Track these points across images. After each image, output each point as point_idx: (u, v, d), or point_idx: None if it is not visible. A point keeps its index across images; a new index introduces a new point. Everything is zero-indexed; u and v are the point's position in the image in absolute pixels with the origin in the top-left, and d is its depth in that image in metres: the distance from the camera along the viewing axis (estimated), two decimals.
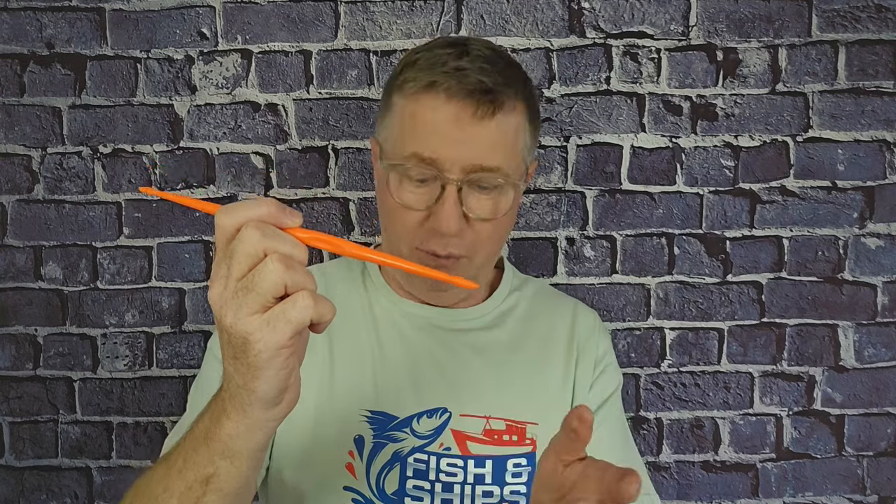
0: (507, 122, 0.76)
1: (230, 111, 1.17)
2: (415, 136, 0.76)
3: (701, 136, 1.18)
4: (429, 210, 0.76)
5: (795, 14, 1.17)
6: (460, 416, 0.82)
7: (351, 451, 0.80)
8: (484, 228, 0.78)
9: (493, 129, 0.75)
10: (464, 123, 0.74)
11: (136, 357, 1.19)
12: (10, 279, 1.18)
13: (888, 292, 1.20)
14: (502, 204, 0.78)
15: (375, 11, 1.16)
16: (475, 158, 0.74)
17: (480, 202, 0.77)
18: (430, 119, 0.75)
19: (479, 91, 0.74)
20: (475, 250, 0.79)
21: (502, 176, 0.76)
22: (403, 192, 0.77)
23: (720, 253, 1.20)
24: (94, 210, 1.18)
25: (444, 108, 0.74)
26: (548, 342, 0.89)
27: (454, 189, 0.74)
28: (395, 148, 0.78)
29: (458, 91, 0.74)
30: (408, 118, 0.77)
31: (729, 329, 1.20)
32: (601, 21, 1.17)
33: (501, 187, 0.77)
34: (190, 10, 1.16)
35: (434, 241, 0.77)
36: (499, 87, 0.75)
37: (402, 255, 0.80)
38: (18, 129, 1.17)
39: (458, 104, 0.74)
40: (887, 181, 1.19)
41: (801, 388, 1.21)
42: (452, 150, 0.74)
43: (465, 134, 0.74)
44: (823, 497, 1.22)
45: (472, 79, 0.74)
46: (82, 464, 1.20)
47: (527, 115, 0.80)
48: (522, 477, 0.82)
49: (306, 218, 1.18)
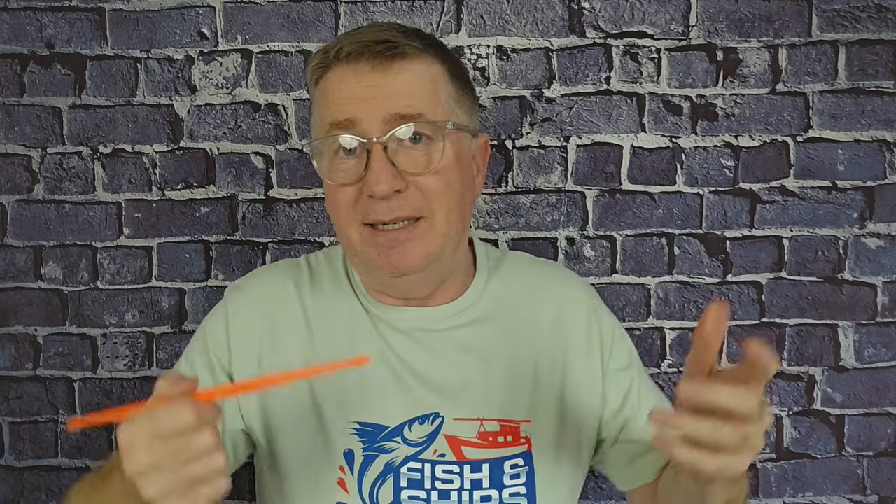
0: (415, 69, 0.75)
1: (230, 111, 1.17)
2: (328, 108, 0.75)
3: (701, 136, 1.18)
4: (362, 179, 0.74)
5: (795, 14, 1.17)
6: (453, 420, 0.80)
7: (341, 465, 0.78)
8: (427, 184, 0.74)
9: (401, 77, 0.74)
10: (368, 77, 0.73)
11: (136, 357, 1.19)
12: (10, 279, 1.18)
13: (888, 292, 1.20)
14: (435, 154, 0.74)
15: (375, 11, 1.16)
16: (390, 108, 0.73)
17: (411, 156, 0.74)
18: (337, 87, 0.75)
19: (375, 43, 0.73)
20: (430, 209, 0.75)
21: (426, 122, 0.73)
22: (335, 172, 0.75)
23: (720, 253, 1.20)
24: (94, 210, 1.18)
25: (346, 72, 0.74)
26: (533, 332, 0.85)
27: (379, 147, 0.72)
28: (317, 129, 0.78)
29: (355, 50, 0.73)
30: (321, 98, 0.77)
31: (729, 329, 1.20)
32: (601, 21, 1.17)
33: (432, 138, 0.74)
34: (190, 10, 1.16)
35: (376, 208, 0.73)
36: (397, 39, 0.74)
37: (354, 242, 0.76)
38: (18, 129, 1.17)
39: (357, 62, 0.74)
40: (887, 181, 1.19)
41: (801, 388, 1.21)
42: (365, 106, 0.73)
43: (373, 87, 0.73)
44: (823, 497, 1.22)
45: (369, 37, 0.74)
46: (82, 464, 1.20)
47: (444, 66, 0.78)
48: (521, 478, 0.79)
49: (306, 218, 1.18)
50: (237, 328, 0.83)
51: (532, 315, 0.86)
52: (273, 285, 0.86)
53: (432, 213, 0.75)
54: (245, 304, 0.84)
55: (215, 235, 1.18)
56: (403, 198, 0.74)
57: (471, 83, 0.83)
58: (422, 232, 0.75)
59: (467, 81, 0.82)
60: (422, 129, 0.73)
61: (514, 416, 0.81)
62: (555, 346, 0.85)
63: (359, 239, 0.76)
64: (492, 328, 0.85)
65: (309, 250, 1.18)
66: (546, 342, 0.85)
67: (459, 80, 0.80)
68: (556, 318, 0.86)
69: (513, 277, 0.88)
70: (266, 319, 0.83)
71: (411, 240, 0.74)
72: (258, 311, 0.83)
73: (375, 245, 0.75)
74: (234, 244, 1.18)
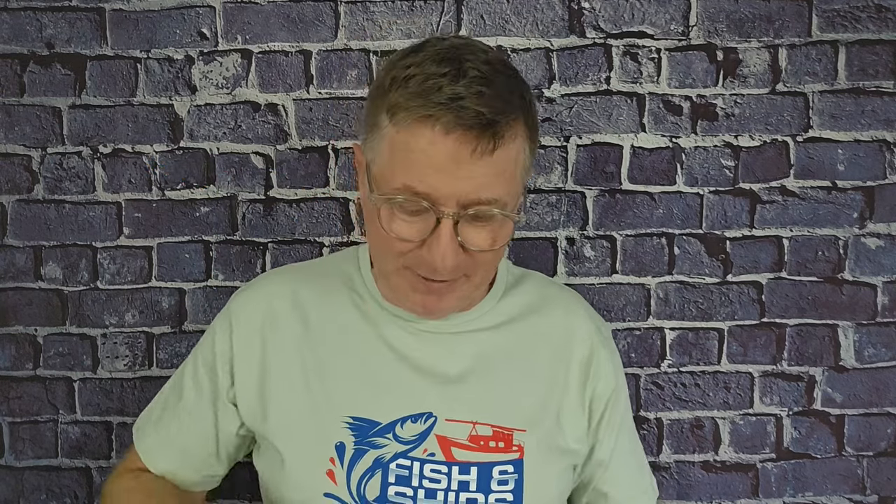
0: (507, 153, 0.72)
1: (230, 111, 1.17)
2: (408, 169, 0.71)
3: (701, 136, 1.18)
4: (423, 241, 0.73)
5: (795, 14, 1.17)
6: (445, 421, 0.81)
7: (332, 457, 0.79)
8: (482, 257, 0.75)
9: (493, 164, 0.70)
10: (462, 161, 0.69)
11: (136, 357, 1.19)
12: (10, 279, 1.18)
13: (888, 292, 1.20)
14: (500, 235, 0.74)
15: (375, 11, 1.16)
16: (473, 193, 0.70)
17: (478, 234, 0.73)
18: (424, 154, 0.70)
19: (478, 126, 0.68)
20: (474, 271, 0.76)
21: (500, 206, 0.72)
22: (395, 223, 0.73)
23: (720, 253, 1.20)
24: (94, 210, 1.18)
25: (440, 143, 0.69)
26: (540, 347, 0.87)
27: (450, 223, 0.70)
28: (385, 177, 0.73)
29: (455, 126, 0.68)
30: (399, 149, 0.71)
31: (729, 329, 1.20)
32: (601, 21, 1.17)
33: (500, 218, 0.73)
34: (190, 10, 1.16)
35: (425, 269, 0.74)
36: (498, 117, 0.69)
37: (389, 273, 0.78)
38: (18, 129, 1.17)
39: (455, 140, 0.69)
40: (887, 181, 1.19)
41: (801, 388, 1.21)
42: (449, 186, 0.70)
43: (463, 171, 0.69)
44: (823, 497, 1.22)
45: (471, 111, 0.68)
46: (82, 464, 1.20)
47: (527, 135, 0.75)
48: (509, 485, 0.80)
49: (306, 218, 1.18)
50: (240, 335, 0.86)
51: (541, 333, 0.88)
52: (274, 287, 0.89)
53: (474, 274, 0.77)
54: (247, 307, 0.88)
55: (215, 235, 1.18)
56: (457, 267, 0.73)
57: (538, 130, 0.80)
58: (459, 286, 0.76)
59: (537, 135, 0.80)
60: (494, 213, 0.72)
61: (510, 424, 0.82)
62: (557, 368, 0.87)
63: (395, 272, 0.76)
64: (500, 339, 0.86)
65: (309, 250, 1.18)
66: (550, 361, 0.87)
67: (533, 140, 0.78)
68: (565, 341, 0.88)
69: (528, 295, 0.90)
70: (267, 321, 0.86)
71: (450, 290, 0.76)
72: (259, 315, 0.86)
73: (412, 285, 0.76)
74: (234, 244, 1.18)
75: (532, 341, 0.87)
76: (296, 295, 0.87)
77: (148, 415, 0.94)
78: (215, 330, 0.90)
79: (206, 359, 0.89)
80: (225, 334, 0.87)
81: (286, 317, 0.86)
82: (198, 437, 0.89)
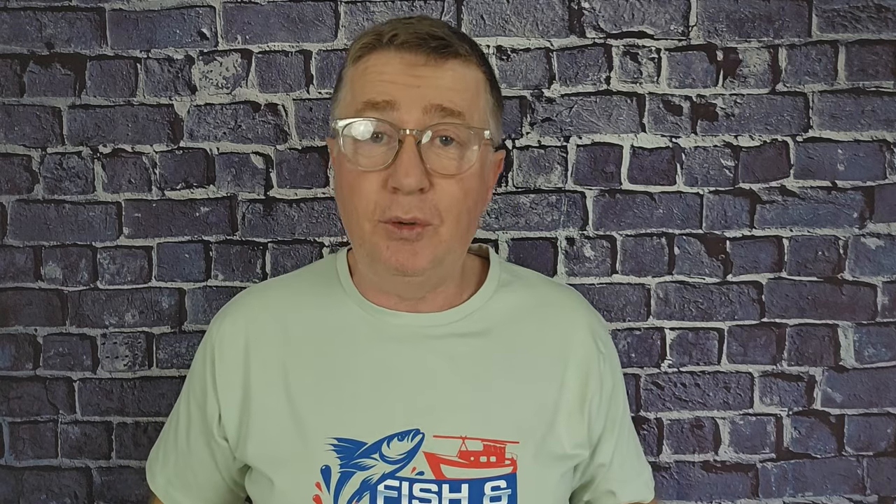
0: (464, 70, 0.74)
1: (230, 111, 1.17)
2: (366, 86, 0.73)
3: (701, 136, 1.18)
4: (387, 169, 0.72)
5: (795, 14, 1.17)
6: (434, 438, 0.77)
7: (318, 482, 0.76)
8: (448, 189, 0.73)
9: (450, 74, 0.72)
10: (417, 67, 0.72)
11: (136, 357, 1.19)
12: (10, 279, 1.18)
13: (888, 292, 1.20)
14: (466, 159, 0.73)
15: (375, 11, 1.16)
16: (434, 98, 0.71)
17: (442, 157, 0.72)
18: (381, 68, 0.72)
19: (430, 37, 0.72)
20: (441, 217, 0.74)
21: (465, 124, 0.72)
22: (359, 156, 0.73)
23: (720, 253, 1.20)
24: (94, 210, 1.18)
25: (394, 55, 0.72)
26: (534, 350, 0.84)
27: (412, 140, 0.70)
28: (347, 107, 0.75)
29: (407, 39, 0.72)
30: (357, 78, 0.74)
31: (729, 329, 1.20)
32: (601, 21, 1.17)
33: (464, 144, 0.73)
34: (190, 10, 1.16)
35: (395, 206, 0.72)
36: (450, 38, 0.73)
37: (364, 233, 0.75)
38: (18, 129, 1.17)
39: (408, 51, 0.72)
40: (887, 181, 1.19)
41: (801, 388, 1.21)
42: (407, 92, 0.71)
43: (421, 77, 0.71)
44: (823, 497, 1.22)
45: (425, 29, 0.72)
46: (82, 464, 1.20)
47: (486, 76, 0.77)
48: (502, 501, 0.77)
49: (306, 218, 1.18)
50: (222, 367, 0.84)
51: (535, 335, 0.85)
52: (253, 312, 0.86)
53: (442, 221, 0.74)
54: (227, 333, 0.85)
55: (215, 235, 1.18)
56: (424, 200, 0.72)
57: (502, 96, 0.82)
58: (427, 238, 0.74)
59: (500, 94, 0.82)
60: (459, 131, 0.72)
61: (501, 437, 0.79)
62: (553, 372, 0.84)
63: (371, 230, 0.74)
64: (490, 343, 0.83)
65: (309, 250, 1.18)
66: (546, 365, 0.84)
67: (496, 91, 0.79)
68: (561, 343, 0.85)
69: (522, 295, 0.87)
70: (249, 346, 0.83)
71: (421, 242, 0.74)
72: (241, 340, 0.84)
73: (387, 239, 0.74)
74: (233, 244, 1.18)
75: (526, 344, 0.84)
76: (275, 315, 0.84)
77: (155, 453, 0.93)
78: (198, 363, 0.87)
79: (195, 394, 0.87)
80: (207, 368, 0.85)
81: (267, 340, 0.83)
82: (203, 471, 0.87)
